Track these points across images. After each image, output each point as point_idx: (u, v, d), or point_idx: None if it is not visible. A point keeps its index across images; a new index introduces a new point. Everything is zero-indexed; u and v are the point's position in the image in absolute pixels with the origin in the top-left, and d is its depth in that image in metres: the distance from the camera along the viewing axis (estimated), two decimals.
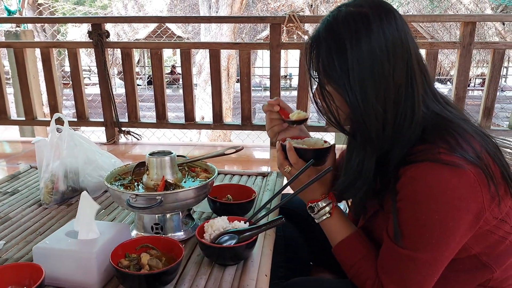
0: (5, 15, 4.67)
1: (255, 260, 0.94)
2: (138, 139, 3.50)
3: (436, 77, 3.60)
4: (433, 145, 0.84)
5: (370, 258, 0.95)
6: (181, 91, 3.38)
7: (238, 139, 5.33)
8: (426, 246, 0.84)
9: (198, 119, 3.54)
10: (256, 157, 3.37)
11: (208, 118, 7.62)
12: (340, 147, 1.10)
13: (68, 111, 7.62)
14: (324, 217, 1.03)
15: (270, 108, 1.17)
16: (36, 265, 0.81)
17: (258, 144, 3.91)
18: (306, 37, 3.78)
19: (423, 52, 3.17)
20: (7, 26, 4.47)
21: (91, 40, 3.18)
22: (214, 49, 3.27)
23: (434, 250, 0.84)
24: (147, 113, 7.14)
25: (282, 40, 3.21)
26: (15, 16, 4.75)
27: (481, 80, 15.31)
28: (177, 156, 1.14)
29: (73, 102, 3.40)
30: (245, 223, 0.97)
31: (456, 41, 3.06)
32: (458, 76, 3.09)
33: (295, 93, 3.48)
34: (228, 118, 6.79)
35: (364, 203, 0.97)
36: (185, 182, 1.11)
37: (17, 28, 4.29)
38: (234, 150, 1.21)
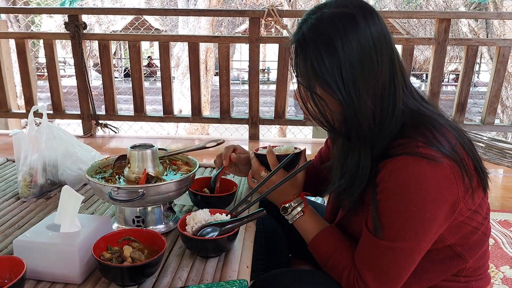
0: None
1: (237, 252, 0.95)
2: (115, 132, 3.46)
3: (411, 72, 3.66)
4: (411, 139, 0.86)
5: (344, 250, 0.97)
6: (158, 84, 3.36)
7: (216, 132, 5.33)
8: (405, 236, 0.86)
9: (176, 112, 3.53)
10: None
11: (186, 111, 7.56)
12: (319, 140, 1.12)
13: (43, 103, 7.46)
14: (297, 216, 1.06)
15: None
16: (17, 258, 0.81)
17: (236, 138, 3.93)
18: (284, 32, 3.79)
19: (399, 47, 3.24)
20: None
21: (67, 32, 3.12)
22: (193, 42, 3.26)
23: (412, 240, 0.86)
24: (124, 105, 7.04)
25: (261, 34, 3.22)
26: None
27: (454, 76, 15.66)
28: (159, 149, 1.14)
29: (48, 94, 3.34)
30: (226, 215, 0.98)
31: (431, 38, 3.14)
32: (433, 72, 3.17)
33: (273, 86, 3.51)
34: (206, 111, 6.77)
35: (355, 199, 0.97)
36: (166, 175, 1.11)
37: None
38: (215, 144, 1.23)
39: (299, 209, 1.06)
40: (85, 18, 3.19)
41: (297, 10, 3.20)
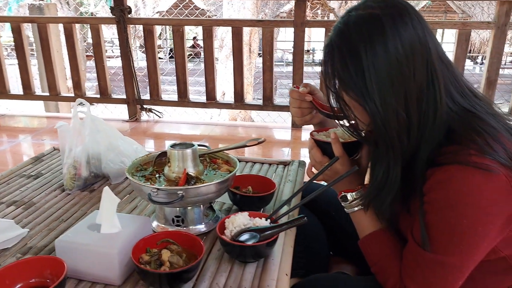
0: None
1: (276, 259, 0.92)
2: (160, 117, 3.51)
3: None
4: (462, 146, 0.81)
5: (396, 257, 0.93)
6: (203, 65, 3.34)
7: (259, 117, 5.30)
8: (455, 251, 0.81)
9: (219, 95, 3.51)
10: (277, 137, 3.34)
11: (229, 94, 7.58)
12: None
13: (91, 84, 7.69)
14: (356, 208, 1.02)
15: (302, 98, 1.14)
16: (59, 259, 0.82)
17: (279, 125, 3.88)
18: (331, 15, 3.66)
19: (454, 32, 3.05)
20: (30, 0, 4.48)
21: (113, 16, 3.15)
22: (237, 27, 3.21)
23: (462, 255, 0.81)
24: (170, 87, 7.15)
25: (307, 17, 3.12)
26: None
27: None
28: (199, 145, 1.12)
29: (96, 75, 3.42)
30: (266, 219, 0.95)
31: (491, 21, 2.93)
32: (491, 58, 2.97)
33: (318, 68, 3.41)
34: (248, 94, 6.73)
35: (393, 208, 0.94)
36: (206, 174, 1.09)
37: (41, 2, 4.30)
38: (256, 142, 1.19)
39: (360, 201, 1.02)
40: (130, 1, 3.20)
41: None
